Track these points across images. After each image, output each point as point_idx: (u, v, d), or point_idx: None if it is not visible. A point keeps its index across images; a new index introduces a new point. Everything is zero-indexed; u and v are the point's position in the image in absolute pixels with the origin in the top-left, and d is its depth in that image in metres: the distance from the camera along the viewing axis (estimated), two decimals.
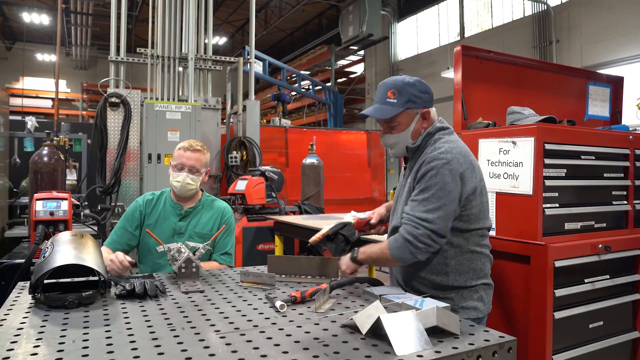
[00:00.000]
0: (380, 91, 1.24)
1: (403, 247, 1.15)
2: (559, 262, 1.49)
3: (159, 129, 3.80)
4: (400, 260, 1.17)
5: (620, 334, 1.67)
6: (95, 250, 1.13)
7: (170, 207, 1.69)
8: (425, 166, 1.17)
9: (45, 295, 1.05)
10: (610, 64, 6.21)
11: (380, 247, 1.21)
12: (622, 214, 1.76)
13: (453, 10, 9.00)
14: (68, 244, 1.11)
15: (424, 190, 1.16)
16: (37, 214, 1.69)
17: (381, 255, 1.20)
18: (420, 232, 1.13)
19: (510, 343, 0.86)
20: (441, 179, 1.15)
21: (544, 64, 2.42)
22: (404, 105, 1.21)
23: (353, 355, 0.78)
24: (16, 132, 4.31)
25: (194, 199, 1.70)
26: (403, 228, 1.16)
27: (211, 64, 4.50)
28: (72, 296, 1.05)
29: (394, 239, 1.17)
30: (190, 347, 0.82)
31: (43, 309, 1.03)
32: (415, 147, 1.25)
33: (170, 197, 1.71)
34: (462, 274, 1.21)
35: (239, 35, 12.70)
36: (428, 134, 1.25)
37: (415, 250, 1.14)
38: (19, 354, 0.78)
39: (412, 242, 1.14)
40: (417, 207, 1.16)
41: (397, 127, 1.23)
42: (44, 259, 1.06)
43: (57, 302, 1.04)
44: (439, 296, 1.18)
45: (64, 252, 1.07)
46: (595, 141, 1.68)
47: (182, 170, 1.63)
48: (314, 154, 4.62)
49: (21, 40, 11.47)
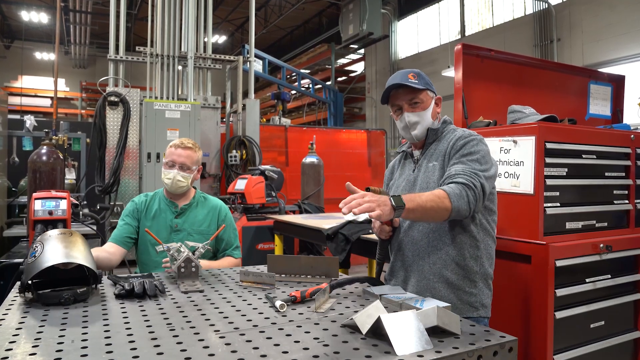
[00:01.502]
0: (400, 75, 1.27)
1: (463, 194, 1.08)
2: (560, 261, 1.48)
3: (158, 128, 3.79)
4: (456, 209, 1.07)
5: (621, 334, 1.66)
6: (85, 247, 1.13)
7: (165, 205, 1.71)
8: (462, 140, 1.21)
9: (39, 293, 1.05)
10: (611, 63, 6.20)
11: (435, 193, 1.08)
12: (624, 214, 1.75)
13: (454, 8, 8.99)
14: (57, 242, 1.11)
15: (469, 154, 1.18)
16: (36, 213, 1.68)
17: (436, 202, 1.05)
18: (476, 182, 1.11)
19: (511, 343, 0.85)
20: (483, 148, 1.21)
21: (545, 63, 2.42)
22: (425, 86, 1.26)
23: (353, 355, 0.78)
24: (15, 131, 4.30)
25: (187, 196, 1.72)
26: (460, 178, 1.11)
27: (211, 63, 4.49)
28: (67, 293, 1.05)
29: (451, 188, 1.09)
30: (189, 347, 0.81)
31: (42, 309, 1.03)
32: (436, 128, 1.29)
33: (163, 196, 1.72)
34: (488, 259, 1.24)
35: (239, 34, 12.68)
36: (444, 122, 1.31)
37: (474, 198, 1.09)
38: (18, 354, 0.77)
39: (473, 188, 1.09)
40: (464, 165, 1.16)
41: (420, 105, 1.26)
42: (35, 258, 1.06)
43: (53, 300, 1.04)
44: (464, 289, 1.19)
45: (54, 251, 1.07)
46: (596, 140, 1.67)
47: (172, 167, 1.64)
48: (314, 153, 4.61)
49: (20, 39, 11.45)
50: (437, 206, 1.07)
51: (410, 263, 1.25)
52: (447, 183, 1.13)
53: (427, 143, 1.29)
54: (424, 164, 1.28)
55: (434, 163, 1.25)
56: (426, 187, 1.23)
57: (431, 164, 1.25)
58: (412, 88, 1.24)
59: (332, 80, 10.14)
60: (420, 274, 1.23)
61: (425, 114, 1.26)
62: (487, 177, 1.16)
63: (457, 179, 1.12)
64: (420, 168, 1.28)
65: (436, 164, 1.24)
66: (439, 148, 1.26)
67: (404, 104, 1.27)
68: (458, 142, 1.22)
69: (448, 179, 1.15)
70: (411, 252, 1.25)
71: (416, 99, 1.26)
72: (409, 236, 1.26)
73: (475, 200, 1.10)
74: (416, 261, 1.24)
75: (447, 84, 7.30)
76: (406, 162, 1.36)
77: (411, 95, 1.25)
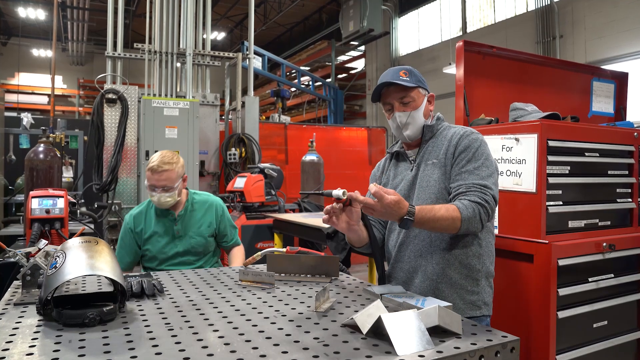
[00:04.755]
0: (391, 72, 1.25)
1: (476, 212, 1.09)
2: (563, 260, 1.47)
3: (156, 125, 3.76)
4: (466, 225, 1.09)
5: (624, 334, 1.65)
6: (112, 258, 1.00)
7: (162, 213, 1.74)
8: (464, 140, 1.19)
9: (60, 312, 0.91)
10: (614, 60, 6.16)
11: (446, 209, 1.09)
12: (627, 212, 1.74)
13: (455, 5, 8.95)
14: (81, 251, 0.97)
15: (472, 160, 1.17)
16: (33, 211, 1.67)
17: (445, 216, 1.07)
18: (488, 198, 1.12)
19: (513, 343, 0.84)
20: (485, 150, 1.20)
21: (548, 60, 2.40)
22: (417, 83, 1.24)
23: (353, 355, 0.77)
24: (11, 129, 4.28)
25: (180, 202, 1.75)
26: (472, 195, 1.12)
27: (209, 60, 4.46)
28: (92, 312, 0.90)
29: (462, 204, 1.10)
30: (188, 347, 0.80)
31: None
32: (431, 125, 1.27)
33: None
34: (489, 256, 1.23)
35: (238, 31, 12.62)
36: (438, 119, 1.29)
37: (485, 215, 1.11)
38: (15, 354, 0.77)
39: (485, 206, 1.10)
40: (472, 176, 1.15)
41: (412, 104, 1.24)
42: (55, 269, 0.92)
43: (76, 320, 0.89)
44: (467, 288, 1.18)
45: (78, 262, 0.93)
46: (599, 138, 1.66)
47: (154, 190, 1.66)
48: (313, 150, 4.59)
49: (16, 36, 11.37)
50: (448, 220, 1.08)
51: (413, 264, 1.23)
52: (459, 198, 1.13)
53: (423, 141, 1.27)
54: (423, 162, 1.25)
55: (433, 161, 1.23)
56: (426, 186, 1.22)
57: (430, 162, 1.24)
58: (403, 86, 1.21)
59: (332, 78, 10.10)
60: (424, 274, 1.21)
61: (417, 113, 1.24)
62: (494, 183, 1.17)
63: (468, 195, 1.12)
64: (419, 167, 1.25)
65: (435, 162, 1.23)
66: (437, 146, 1.24)
67: (395, 103, 1.24)
68: (461, 142, 1.19)
69: (460, 195, 1.13)
70: (413, 253, 1.23)
71: (407, 98, 1.23)
72: (410, 236, 1.24)
73: (486, 214, 1.12)
74: (419, 262, 1.22)
75: (448, 81, 7.27)
76: (399, 162, 1.33)
77: (402, 93, 1.23)
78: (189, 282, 1.29)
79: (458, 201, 1.12)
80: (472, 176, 1.15)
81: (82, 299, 1.02)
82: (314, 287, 1.21)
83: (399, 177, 1.30)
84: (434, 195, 1.19)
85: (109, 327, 0.90)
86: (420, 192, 1.22)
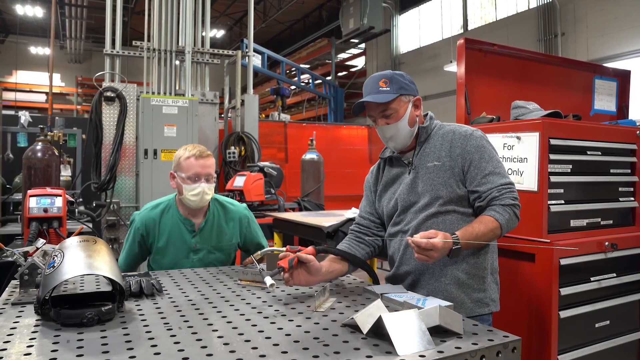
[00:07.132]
0: (371, 83, 1.23)
1: (511, 214, 1.15)
2: (565, 260, 1.46)
3: (155, 123, 3.74)
4: (506, 229, 1.15)
5: (627, 334, 1.65)
6: (110, 258, 0.99)
7: (180, 222, 1.54)
8: (471, 140, 1.21)
9: (58, 312, 0.90)
10: (617, 58, 6.13)
11: (485, 224, 1.12)
12: (629, 211, 1.73)
13: (456, 2, 8.92)
14: (79, 250, 0.96)
15: (489, 160, 1.20)
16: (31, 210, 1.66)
17: (485, 231, 1.12)
18: (515, 194, 1.18)
19: (514, 343, 0.84)
20: (491, 146, 1.23)
21: (549, 58, 2.39)
22: (398, 92, 1.20)
23: (354, 355, 0.76)
24: (9, 127, 4.25)
25: (203, 209, 1.56)
26: (504, 198, 1.15)
27: (209, 58, 4.44)
28: (90, 312, 0.89)
29: (497, 212, 1.14)
30: (187, 347, 0.80)
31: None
32: (426, 126, 1.25)
33: (177, 211, 1.55)
34: (493, 252, 1.24)
35: (237, 28, 12.58)
36: (431, 118, 1.29)
37: (518, 210, 1.17)
38: (12, 354, 0.76)
39: (516, 204, 1.16)
40: (496, 177, 1.18)
41: (393, 116, 1.21)
42: (53, 269, 0.91)
43: (74, 320, 0.89)
44: (473, 286, 1.18)
45: (76, 261, 0.92)
46: (601, 136, 1.65)
47: (197, 181, 1.48)
48: (313, 149, 4.58)
49: (14, 33, 11.34)
50: (492, 235, 1.14)
51: (419, 266, 1.21)
52: (493, 204, 1.16)
53: (418, 143, 1.25)
54: (422, 164, 1.23)
55: (435, 163, 1.20)
56: (431, 189, 1.20)
57: (431, 164, 1.21)
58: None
59: (332, 75, 10.07)
60: (431, 275, 1.20)
61: (401, 123, 1.21)
62: (511, 181, 1.20)
63: (499, 198, 1.16)
64: (418, 170, 1.23)
65: (437, 164, 1.20)
66: (434, 147, 1.22)
67: (376, 117, 1.22)
68: (468, 143, 1.19)
69: (494, 200, 1.16)
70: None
71: (388, 110, 1.20)
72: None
73: (518, 211, 1.17)
74: (425, 263, 1.19)
75: (449, 79, 7.25)
76: (393, 167, 1.30)
77: (382, 107, 1.20)
78: (188, 282, 1.28)
79: (492, 210, 1.15)
80: (496, 177, 1.18)
81: (80, 298, 1.02)
82: (314, 287, 1.20)
83: (397, 181, 1.28)
84: (442, 200, 1.18)
85: (107, 327, 0.89)
86: (425, 196, 1.20)
